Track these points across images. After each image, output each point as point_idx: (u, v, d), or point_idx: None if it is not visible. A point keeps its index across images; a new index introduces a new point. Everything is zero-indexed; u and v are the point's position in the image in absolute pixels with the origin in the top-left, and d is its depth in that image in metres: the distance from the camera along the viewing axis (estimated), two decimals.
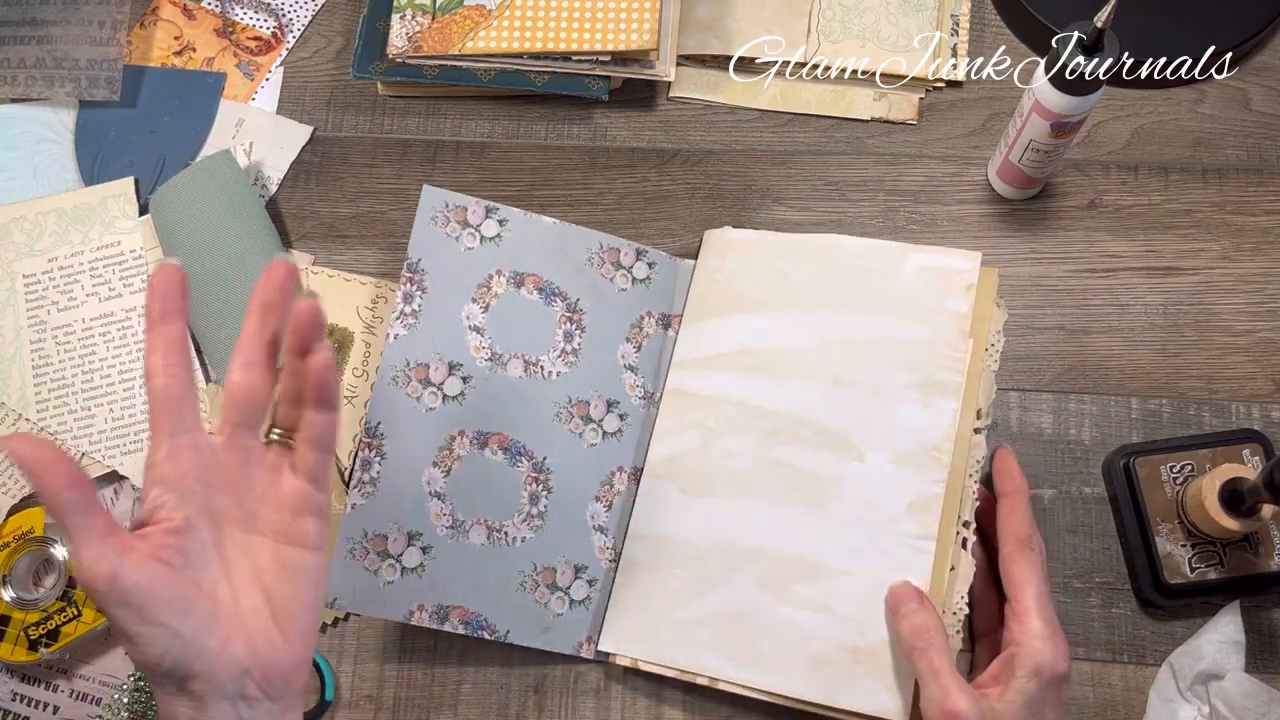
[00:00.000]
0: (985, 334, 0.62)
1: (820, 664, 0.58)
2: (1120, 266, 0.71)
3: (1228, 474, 0.61)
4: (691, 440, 0.65)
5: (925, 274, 0.63)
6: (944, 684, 0.52)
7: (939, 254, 0.63)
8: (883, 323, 0.62)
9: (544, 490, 0.64)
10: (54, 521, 0.67)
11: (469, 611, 0.62)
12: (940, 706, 0.51)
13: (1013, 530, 0.58)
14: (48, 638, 0.64)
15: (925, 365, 0.61)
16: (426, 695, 0.65)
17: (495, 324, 0.65)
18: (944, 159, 0.74)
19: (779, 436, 0.62)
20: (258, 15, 0.80)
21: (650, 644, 0.62)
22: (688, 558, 0.62)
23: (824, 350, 0.63)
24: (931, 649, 0.53)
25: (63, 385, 0.70)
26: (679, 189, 0.75)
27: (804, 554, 0.60)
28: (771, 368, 0.64)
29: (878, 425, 0.61)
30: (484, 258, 0.66)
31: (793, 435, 0.62)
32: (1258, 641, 0.63)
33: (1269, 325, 0.70)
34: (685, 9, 0.76)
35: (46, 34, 0.78)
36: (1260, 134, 0.74)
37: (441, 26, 0.74)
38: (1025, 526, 0.58)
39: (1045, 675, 0.52)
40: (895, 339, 0.62)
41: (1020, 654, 0.53)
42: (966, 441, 0.60)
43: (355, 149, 0.77)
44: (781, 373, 0.64)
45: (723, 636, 0.60)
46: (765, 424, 0.63)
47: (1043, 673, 0.52)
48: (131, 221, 0.74)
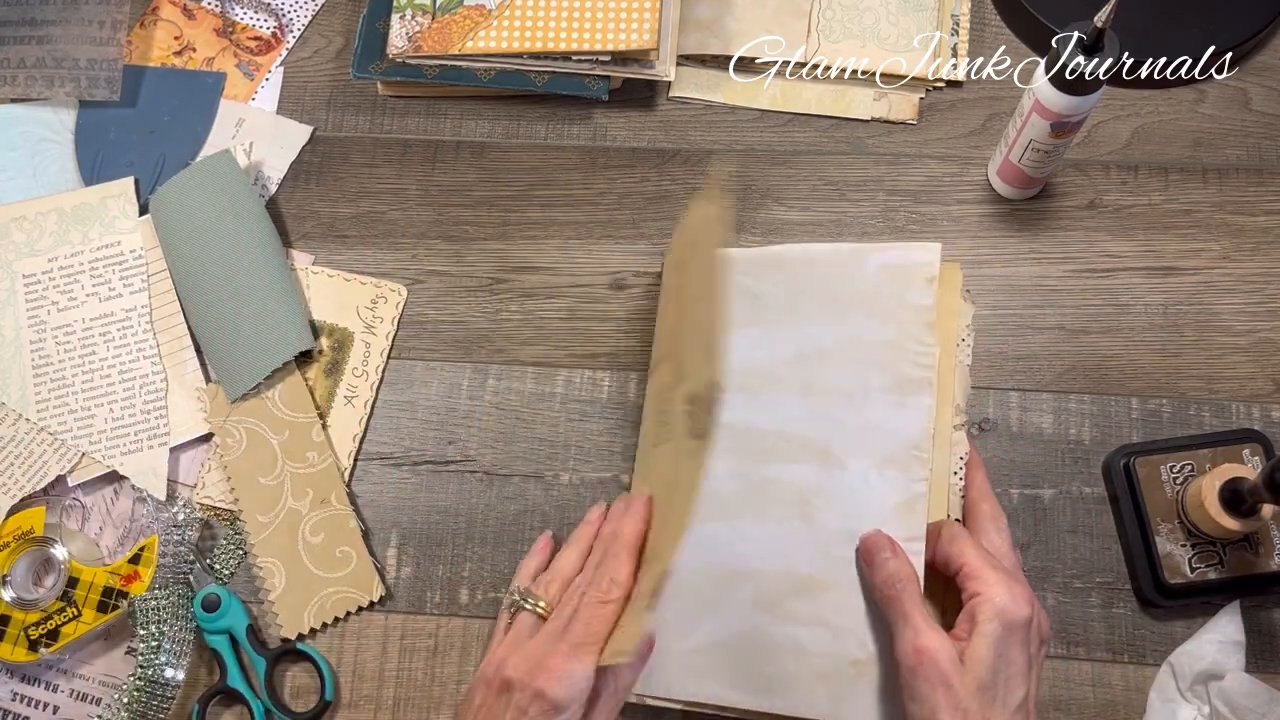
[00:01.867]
0: (954, 328, 0.60)
1: (823, 680, 0.57)
2: (1120, 266, 0.71)
3: (1228, 474, 0.61)
4: None
5: (886, 271, 0.61)
6: (915, 625, 0.53)
7: (898, 249, 0.62)
8: (849, 327, 0.61)
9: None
10: (55, 522, 0.67)
11: None
12: (912, 644, 0.52)
13: (970, 494, 0.59)
14: (48, 638, 0.64)
15: (895, 364, 0.60)
16: (426, 695, 0.65)
17: None
18: (944, 159, 0.74)
19: (762, 454, 0.61)
20: (258, 15, 0.80)
21: (652, 677, 0.60)
22: (682, 587, 0.61)
23: (798, 362, 0.62)
24: (904, 595, 0.54)
25: (63, 385, 0.70)
26: (679, 189, 0.75)
27: (796, 569, 0.59)
28: (748, 386, 0.62)
29: (855, 431, 0.60)
30: None
31: (774, 451, 0.61)
32: (1258, 641, 0.63)
33: (1269, 325, 0.70)
34: (685, 9, 0.76)
35: (46, 34, 0.78)
36: (1260, 134, 0.74)
37: (441, 26, 0.74)
38: (982, 485, 0.59)
39: (1006, 617, 0.52)
40: (864, 341, 0.61)
41: (979, 602, 0.53)
42: (947, 438, 0.59)
43: (355, 149, 0.77)
44: (757, 389, 0.62)
45: (724, 662, 0.59)
46: (747, 443, 0.62)
47: (1003, 615, 0.52)
48: (131, 221, 0.74)
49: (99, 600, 0.64)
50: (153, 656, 0.63)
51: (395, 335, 0.72)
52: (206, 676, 0.65)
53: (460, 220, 0.75)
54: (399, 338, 0.72)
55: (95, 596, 0.65)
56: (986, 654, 0.52)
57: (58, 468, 0.68)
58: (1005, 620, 0.52)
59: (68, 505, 0.68)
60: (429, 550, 0.68)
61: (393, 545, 0.68)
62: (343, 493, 0.68)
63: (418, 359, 0.71)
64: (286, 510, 0.67)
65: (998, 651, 0.52)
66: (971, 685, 0.51)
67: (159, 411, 0.70)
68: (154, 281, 0.72)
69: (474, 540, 0.68)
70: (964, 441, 0.59)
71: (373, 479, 0.69)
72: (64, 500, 0.68)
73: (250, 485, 0.67)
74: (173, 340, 0.71)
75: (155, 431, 0.69)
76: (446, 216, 0.75)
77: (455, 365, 0.71)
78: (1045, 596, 0.65)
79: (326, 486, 0.67)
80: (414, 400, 0.70)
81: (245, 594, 0.67)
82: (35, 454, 0.69)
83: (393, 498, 0.69)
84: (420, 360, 0.71)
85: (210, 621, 0.64)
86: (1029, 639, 0.53)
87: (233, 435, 0.68)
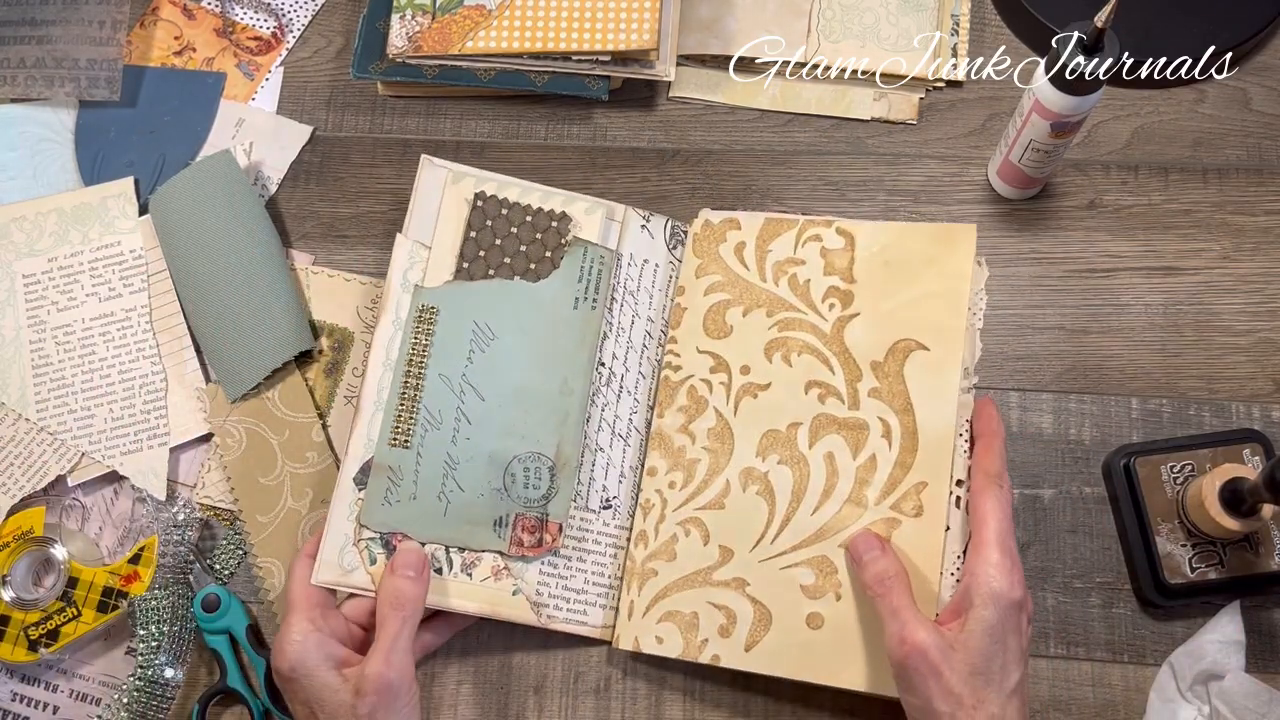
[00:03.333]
0: (964, 291, 0.62)
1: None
2: (1120, 266, 0.71)
3: (1228, 474, 0.61)
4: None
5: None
6: (903, 618, 0.54)
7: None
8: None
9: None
10: (55, 522, 0.67)
11: None
12: (900, 638, 0.53)
13: (984, 466, 0.58)
14: (48, 638, 0.64)
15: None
16: (426, 695, 0.65)
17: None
18: (944, 159, 0.74)
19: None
20: (258, 15, 0.80)
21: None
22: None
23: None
24: (892, 592, 0.55)
25: (63, 385, 0.70)
26: (679, 189, 0.75)
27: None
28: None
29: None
30: None
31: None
32: (1258, 641, 0.63)
33: (1269, 325, 0.70)
34: (685, 9, 0.76)
35: (46, 34, 0.78)
36: (1260, 134, 0.74)
37: (441, 26, 0.74)
38: (997, 464, 0.58)
39: (1002, 602, 0.53)
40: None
41: (975, 583, 0.53)
42: (954, 401, 0.60)
43: (355, 149, 0.77)
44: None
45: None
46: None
47: (999, 599, 0.53)
48: (131, 221, 0.74)
49: (99, 600, 0.64)
50: (152, 656, 0.62)
51: None
52: (206, 676, 0.65)
53: None
54: None
55: (95, 596, 0.65)
56: (982, 640, 0.52)
57: (58, 468, 0.68)
58: (1001, 605, 0.53)
59: (68, 505, 0.68)
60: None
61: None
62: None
63: None
64: (286, 510, 0.67)
65: (994, 638, 0.52)
66: (964, 671, 0.52)
67: (159, 411, 0.70)
68: (154, 281, 0.72)
69: None
70: (970, 404, 0.60)
71: None
72: (64, 500, 0.68)
73: (250, 485, 0.67)
74: (173, 340, 0.71)
75: (155, 431, 0.69)
76: None
77: None
78: (1045, 596, 0.65)
79: (326, 487, 0.67)
80: None
81: (245, 594, 0.67)
82: (35, 454, 0.69)
83: None
84: None
85: (210, 621, 0.64)
86: (1022, 622, 0.54)
87: (233, 435, 0.68)
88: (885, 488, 0.60)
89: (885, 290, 0.63)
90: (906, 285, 0.63)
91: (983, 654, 0.52)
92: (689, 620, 0.62)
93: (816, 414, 0.63)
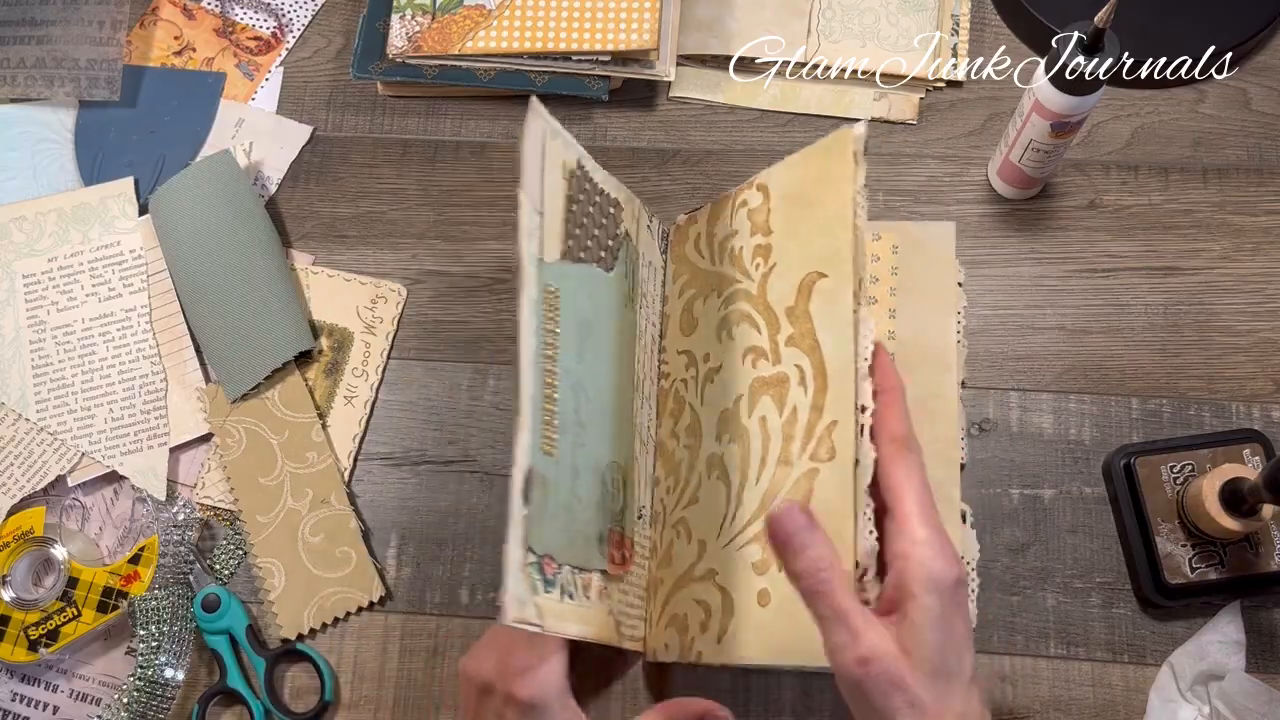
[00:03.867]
0: (850, 196, 0.56)
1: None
2: (1120, 266, 0.71)
3: (1228, 474, 0.61)
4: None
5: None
6: (853, 626, 0.45)
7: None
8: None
9: None
10: (55, 522, 0.67)
11: None
12: (854, 654, 0.45)
13: (889, 429, 0.50)
14: (48, 638, 0.64)
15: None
16: (426, 695, 0.65)
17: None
18: (944, 159, 0.74)
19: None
20: (258, 15, 0.80)
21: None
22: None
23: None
24: (834, 590, 0.46)
25: (63, 385, 0.70)
26: (679, 189, 0.75)
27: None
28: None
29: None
30: None
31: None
32: (1258, 641, 0.63)
33: (1269, 325, 0.70)
34: (685, 9, 0.76)
35: (46, 34, 0.78)
36: (1260, 134, 0.74)
37: (441, 26, 0.74)
38: (903, 425, 0.50)
39: (944, 586, 0.46)
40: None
41: (908, 569, 0.47)
42: (850, 322, 0.54)
43: (355, 149, 0.77)
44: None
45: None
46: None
47: (939, 584, 0.46)
48: (131, 221, 0.74)
49: (99, 600, 0.64)
50: (152, 656, 0.62)
51: (395, 335, 0.72)
52: (206, 676, 0.65)
53: (460, 220, 0.75)
54: (399, 338, 0.72)
55: (95, 596, 0.65)
56: (933, 635, 0.46)
57: (58, 468, 0.68)
58: (943, 590, 0.46)
59: (68, 505, 0.68)
60: (429, 550, 0.67)
61: (392, 545, 0.68)
62: (342, 493, 0.68)
63: (418, 359, 0.72)
64: (286, 510, 0.67)
65: (942, 628, 0.46)
66: (924, 676, 0.45)
67: (159, 411, 0.70)
68: (154, 281, 0.72)
69: (474, 540, 0.68)
70: (869, 323, 0.53)
71: (373, 479, 0.69)
72: (64, 500, 0.68)
73: (250, 485, 0.67)
74: (173, 340, 0.71)
75: (155, 431, 0.69)
76: (446, 216, 0.75)
77: (455, 365, 0.71)
78: (1045, 596, 0.65)
79: (326, 487, 0.67)
80: (414, 400, 0.70)
81: (245, 594, 0.67)
82: (35, 454, 0.69)
83: (393, 498, 0.69)
84: (420, 360, 0.71)
85: (210, 622, 0.64)
86: (963, 598, 0.47)
87: (232, 435, 0.68)
88: (804, 438, 0.54)
89: (793, 229, 0.58)
90: (809, 216, 0.58)
91: (937, 649, 0.46)
92: (681, 621, 0.58)
93: (751, 380, 0.58)
